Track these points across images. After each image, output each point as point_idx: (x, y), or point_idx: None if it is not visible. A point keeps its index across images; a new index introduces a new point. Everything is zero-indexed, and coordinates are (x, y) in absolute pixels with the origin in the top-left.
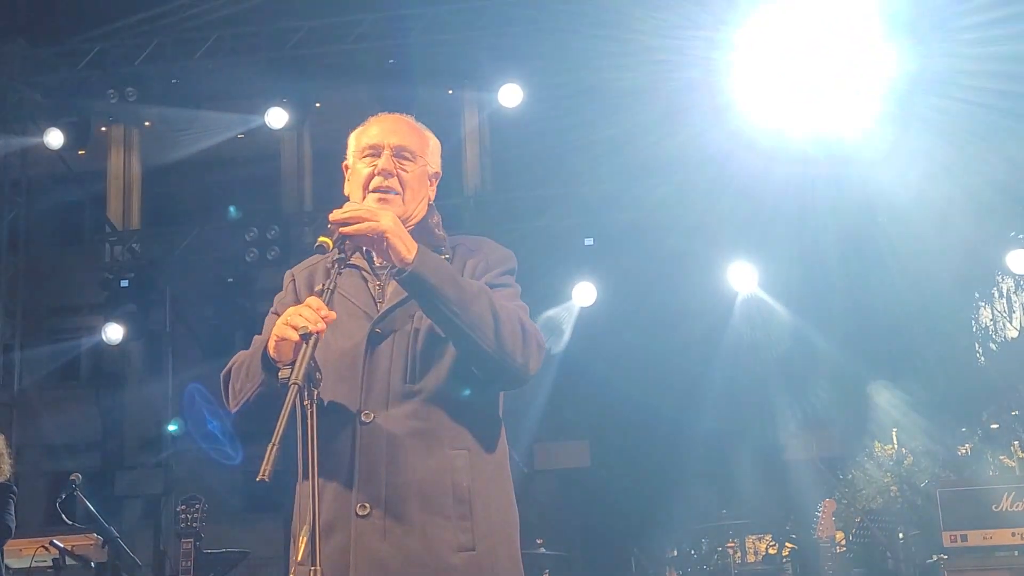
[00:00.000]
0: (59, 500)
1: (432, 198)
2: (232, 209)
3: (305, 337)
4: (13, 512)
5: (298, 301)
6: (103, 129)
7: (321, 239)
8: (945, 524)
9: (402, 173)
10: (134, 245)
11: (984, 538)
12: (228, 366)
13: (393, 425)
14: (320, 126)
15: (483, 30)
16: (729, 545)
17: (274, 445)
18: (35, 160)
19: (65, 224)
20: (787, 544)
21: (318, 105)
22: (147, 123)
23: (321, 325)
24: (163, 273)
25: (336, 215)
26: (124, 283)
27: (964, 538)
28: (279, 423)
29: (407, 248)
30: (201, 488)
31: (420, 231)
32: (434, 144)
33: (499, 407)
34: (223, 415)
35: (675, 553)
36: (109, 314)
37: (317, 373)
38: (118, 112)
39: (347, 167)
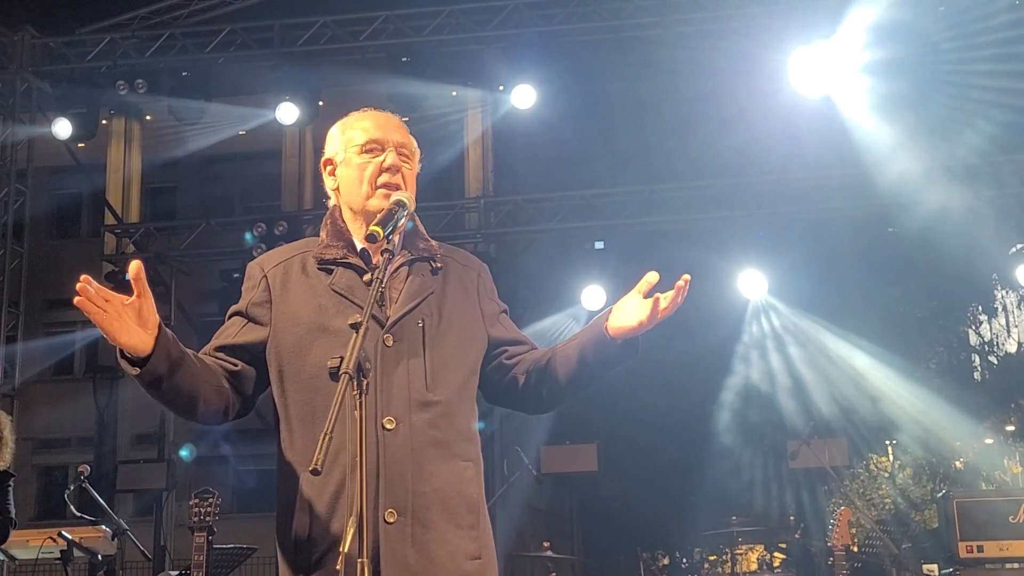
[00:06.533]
0: (67, 491)
1: None
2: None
3: (355, 326)
4: (12, 499)
5: (270, 299)
6: (103, 122)
7: (372, 227)
8: (961, 535)
9: (405, 170)
10: (138, 238)
11: (1000, 549)
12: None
13: (416, 434)
14: (322, 123)
15: (495, 32)
16: (738, 551)
17: (327, 436)
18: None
19: (61, 217)
20: (776, 554)
21: (321, 104)
22: (148, 116)
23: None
24: (168, 267)
25: None
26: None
27: (980, 549)
28: (331, 414)
29: None
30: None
31: (413, 236)
32: (417, 148)
33: None
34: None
35: (667, 561)
36: None
37: (367, 363)
38: (125, 104)
39: (331, 162)
